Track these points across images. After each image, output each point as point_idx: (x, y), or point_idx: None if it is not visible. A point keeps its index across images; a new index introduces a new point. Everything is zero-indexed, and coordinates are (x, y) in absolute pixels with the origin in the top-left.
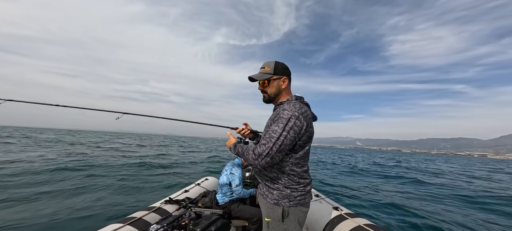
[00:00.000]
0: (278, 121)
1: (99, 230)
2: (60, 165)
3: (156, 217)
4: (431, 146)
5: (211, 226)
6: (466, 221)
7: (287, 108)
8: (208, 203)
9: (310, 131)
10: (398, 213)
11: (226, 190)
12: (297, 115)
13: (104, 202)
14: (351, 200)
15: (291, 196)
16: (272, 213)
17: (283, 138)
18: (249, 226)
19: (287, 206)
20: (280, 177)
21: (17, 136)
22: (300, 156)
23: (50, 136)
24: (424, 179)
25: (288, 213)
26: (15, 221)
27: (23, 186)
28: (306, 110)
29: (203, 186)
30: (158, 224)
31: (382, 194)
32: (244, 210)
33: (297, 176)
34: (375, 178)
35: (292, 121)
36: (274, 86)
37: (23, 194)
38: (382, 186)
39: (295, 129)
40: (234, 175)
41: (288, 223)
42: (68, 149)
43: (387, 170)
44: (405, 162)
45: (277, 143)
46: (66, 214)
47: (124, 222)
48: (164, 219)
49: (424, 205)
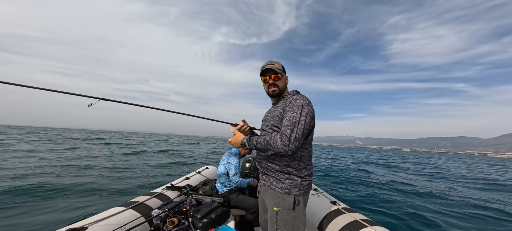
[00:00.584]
0: (293, 108)
1: (102, 212)
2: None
3: (157, 202)
4: (431, 144)
5: (211, 213)
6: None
7: (298, 97)
8: (208, 191)
9: (314, 118)
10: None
11: (224, 179)
12: (307, 102)
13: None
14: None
15: (301, 185)
16: (283, 202)
17: (303, 122)
18: (248, 215)
19: (298, 194)
20: (290, 164)
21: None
22: (307, 143)
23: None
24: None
25: (299, 202)
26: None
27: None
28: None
29: (203, 174)
30: (160, 209)
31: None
32: (243, 200)
33: (305, 162)
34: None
35: (306, 107)
36: (283, 82)
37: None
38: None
39: (310, 114)
40: (231, 164)
41: (298, 211)
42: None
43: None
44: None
45: (300, 127)
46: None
47: (127, 206)
48: (165, 204)
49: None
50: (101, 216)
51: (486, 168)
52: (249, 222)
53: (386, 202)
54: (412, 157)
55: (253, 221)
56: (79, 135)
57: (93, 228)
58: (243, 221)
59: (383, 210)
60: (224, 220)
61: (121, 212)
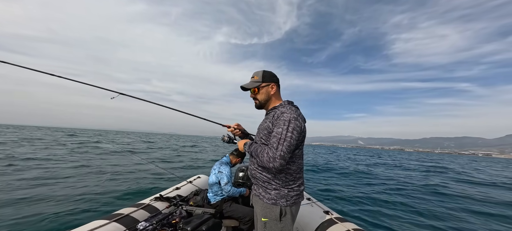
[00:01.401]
0: (280, 123)
1: (83, 225)
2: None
3: (145, 214)
4: (434, 144)
5: (202, 226)
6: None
7: (285, 111)
8: (200, 201)
9: (304, 131)
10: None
11: (216, 189)
12: (295, 117)
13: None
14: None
15: (288, 196)
16: (270, 213)
17: (289, 138)
18: (241, 226)
19: (284, 205)
20: (277, 176)
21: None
22: (296, 156)
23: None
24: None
25: (285, 212)
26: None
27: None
28: (300, 112)
29: (195, 184)
30: (147, 221)
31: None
32: (237, 209)
33: (293, 175)
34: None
35: (293, 122)
36: (263, 93)
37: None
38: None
39: (297, 129)
40: (222, 173)
41: (285, 222)
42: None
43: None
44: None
45: (285, 144)
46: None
47: (110, 218)
48: (153, 216)
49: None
50: (82, 230)
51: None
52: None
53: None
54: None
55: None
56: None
57: None
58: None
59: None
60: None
61: (103, 226)
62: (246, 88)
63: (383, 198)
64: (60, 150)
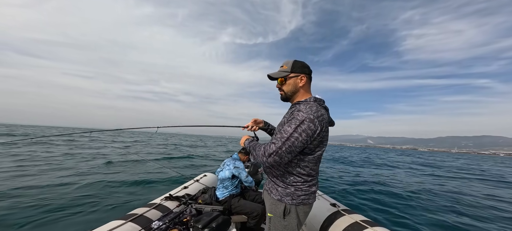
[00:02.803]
0: (292, 121)
1: (100, 227)
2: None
3: (157, 213)
4: (451, 144)
5: (212, 222)
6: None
7: (302, 109)
8: (208, 199)
9: (323, 135)
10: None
11: (227, 183)
12: (311, 118)
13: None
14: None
15: (294, 195)
16: (275, 209)
17: (294, 139)
18: (249, 221)
19: (290, 203)
20: (286, 175)
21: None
22: (309, 159)
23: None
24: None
25: (290, 211)
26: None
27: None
28: (322, 113)
29: (202, 182)
30: (160, 220)
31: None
32: (245, 205)
33: (303, 177)
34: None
35: (306, 123)
36: (291, 84)
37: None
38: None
39: (308, 132)
40: (239, 169)
41: (289, 220)
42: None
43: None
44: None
45: (287, 143)
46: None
47: (125, 218)
48: (165, 215)
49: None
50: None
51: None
52: (250, 229)
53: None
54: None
55: (254, 228)
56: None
57: None
58: (244, 228)
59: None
60: (225, 228)
61: (120, 226)
62: (272, 78)
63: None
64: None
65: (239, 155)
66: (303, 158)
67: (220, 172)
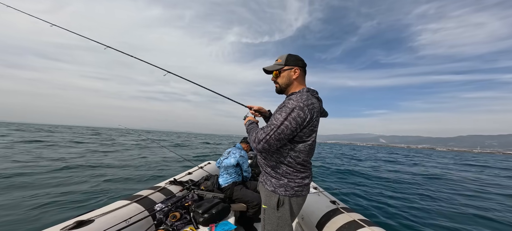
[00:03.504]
0: (282, 109)
1: (108, 205)
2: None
3: (161, 196)
4: (472, 143)
5: (212, 209)
6: None
7: (293, 98)
8: (210, 186)
9: (313, 123)
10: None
11: (231, 171)
12: (301, 106)
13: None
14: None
15: (287, 186)
16: (269, 201)
17: (284, 127)
18: (249, 210)
19: (283, 195)
20: (278, 166)
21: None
22: (300, 149)
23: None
24: None
25: (283, 202)
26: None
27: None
28: (313, 102)
29: (205, 169)
30: (163, 203)
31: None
32: (246, 193)
33: (295, 168)
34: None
35: (296, 111)
36: (285, 76)
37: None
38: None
39: (297, 119)
40: (244, 158)
41: (282, 212)
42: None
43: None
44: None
45: (277, 131)
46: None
47: (131, 199)
48: (168, 199)
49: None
50: (107, 209)
51: None
52: (248, 218)
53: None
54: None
55: (253, 217)
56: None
57: (99, 221)
58: (242, 217)
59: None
60: (225, 216)
61: (126, 206)
62: (268, 71)
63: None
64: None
65: (242, 145)
66: (294, 147)
67: (225, 159)
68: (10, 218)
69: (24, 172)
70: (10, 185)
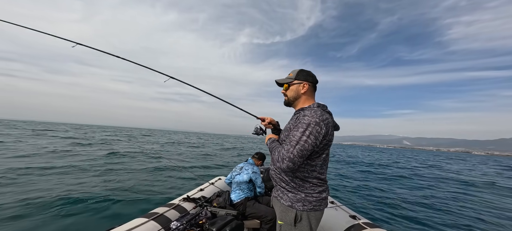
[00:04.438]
0: (298, 126)
1: (127, 223)
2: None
3: (175, 214)
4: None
5: (226, 227)
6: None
7: (307, 114)
8: (222, 203)
9: (328, 138)
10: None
11: (244, 186)
12: (317, 121)
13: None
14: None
15: (305, 200)
16: (285, 216)
17: (303, 142)
18: (262, 226)
19: (301, 210)
20: (294, 180)
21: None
22: (316, 164)
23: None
24: None
25: (301, 218)
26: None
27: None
28: (327, 117)
29: (216, 185)
30: (178, 221)
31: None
32: (260, 208)
33: (312, 182)
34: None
35: (312, 126)
36: (294, 90)
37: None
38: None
39: (315, 134)
40: (257, 174)
41: (300, 228)
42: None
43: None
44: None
45: (297, 147)
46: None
47: (148, 217)
48: (183, 216)
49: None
50: (126, 227)
51: None
52: None
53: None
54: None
55: None
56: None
57: None
58: None
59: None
60: None
61: (144, 224)
62: (279, 83)
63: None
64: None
65: (254, 160)
66: (310, 162)
67: (237, 175)
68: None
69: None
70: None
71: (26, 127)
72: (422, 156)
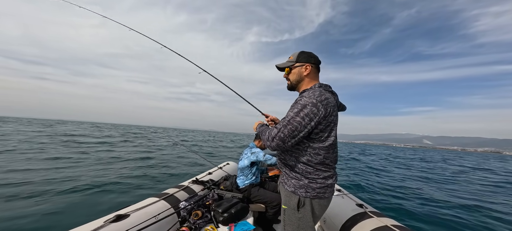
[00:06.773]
0: (294, 106)
1: (141, 201)
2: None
3: (184, 195)
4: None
5: (231, 208)
6: None
7: (305, 95)
8: (229, 186)
9: (329, 119)
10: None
11: (247, 172)
12: (314, 102)
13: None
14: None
15: (308, 187)
16: (289, 201)
17: (296, 123)
18: (268, 210)
19: (303, 196)
20: (297, 165)
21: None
22: (319, 146)
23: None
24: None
25: (304, 203)
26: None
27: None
28: (326, 97)
29: (225, 169)
30: (186, 201)
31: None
32: (265, 194)
33: (316, 167)
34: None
35: (308, 107)
36: (296, 73)
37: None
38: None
39: (310, 115)
40: (255, 153)
41: (303, 213)
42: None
43: None
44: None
45: (289, 127)
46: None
47: (160, 197)
48: (191, 197)
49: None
50: (140, 205)
51: None
52: (267, 219)
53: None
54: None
55: (273, 218)
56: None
57: (134, 215)
58: (261, 217)
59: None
60: (243, 216)
61: (155, 202)
62: (280, 68)
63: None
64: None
65: (255, 142)
66: (312, 145)
67: (240, 161)
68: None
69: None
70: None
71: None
72: (468, 158)
